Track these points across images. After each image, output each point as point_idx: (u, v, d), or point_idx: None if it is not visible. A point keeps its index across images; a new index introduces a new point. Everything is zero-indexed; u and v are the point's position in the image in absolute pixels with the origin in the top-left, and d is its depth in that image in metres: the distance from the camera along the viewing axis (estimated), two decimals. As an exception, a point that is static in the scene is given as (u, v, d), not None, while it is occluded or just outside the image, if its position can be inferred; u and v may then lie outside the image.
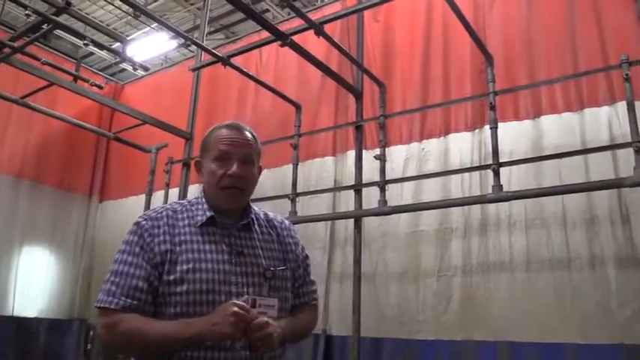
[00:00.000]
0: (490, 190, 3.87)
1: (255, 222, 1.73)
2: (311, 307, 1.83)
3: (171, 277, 1.52)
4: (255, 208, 1.78)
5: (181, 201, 1.75)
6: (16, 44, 4.96)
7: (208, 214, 1.64)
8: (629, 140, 3.39)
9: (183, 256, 1.55)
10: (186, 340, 1.45)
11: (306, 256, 1.85)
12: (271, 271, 1.63)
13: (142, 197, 6.30)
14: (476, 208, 4.43)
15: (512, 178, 4.16)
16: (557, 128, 4.26)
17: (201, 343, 1.46)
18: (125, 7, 9.41)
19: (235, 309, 1.42)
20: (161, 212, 1.65)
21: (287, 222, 1.86)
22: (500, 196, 3.79)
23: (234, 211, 1.69)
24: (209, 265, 1.55)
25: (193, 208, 1.68)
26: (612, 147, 3.80)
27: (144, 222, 1.61)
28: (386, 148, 4.59)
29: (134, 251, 1.56)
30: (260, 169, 1.77)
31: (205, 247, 1.59)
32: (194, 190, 5.72)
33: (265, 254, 1.67)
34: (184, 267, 1.53)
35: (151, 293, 1.52)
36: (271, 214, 1.84)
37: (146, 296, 1.51)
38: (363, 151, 4.97)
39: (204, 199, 1.69)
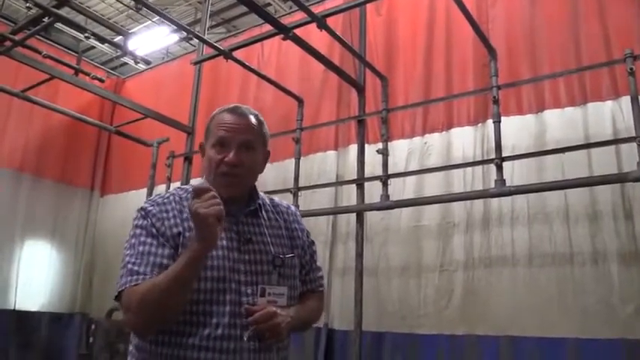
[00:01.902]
0: (493, 185, 3.87)
1: (262, 208, 1.68)
2: (317, 295, 1.79)
3: None
4: (262, 194, 1.73)
5: (185, 186, 1.68)
6: (16, 37, 4.93)
7: None
8: (633, 135, 3.37)
9: None
10: (189, 263, 1.36)
11: (312, 242, 1.80)
12: (280, 259, 1.59)
13: (144, 191, 6.30)
14: (478, 203, 4.42)
15: (515, 173, 4.15)
16: (560, 123, 4.24)
17: (204, 256, 1.39)
18: (126, 1, 9.38)
19: (194, 203, 1.34)
20: (167, 197, 1.60)
21: (293, 207, 1.82)
22: (503, 190, 3.78)
23: (238, 198, 1.63)
24: (219, 252, 1.50)
25: None
26: (615, 142, 3.78)
27: (150, 207, 1.56)
28: (388, 143, 4.58)
29: (151, 232, 1.50)
30: (267, 155, 1.70)
31: None
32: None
33: (273, 241, 1.63)
34: None
35: None
36: (277, 200, 1.79)
37: None
38: (366, 145, 4.95)
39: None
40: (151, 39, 9.22)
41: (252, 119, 1.65)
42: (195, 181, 1.65)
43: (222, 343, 1.44)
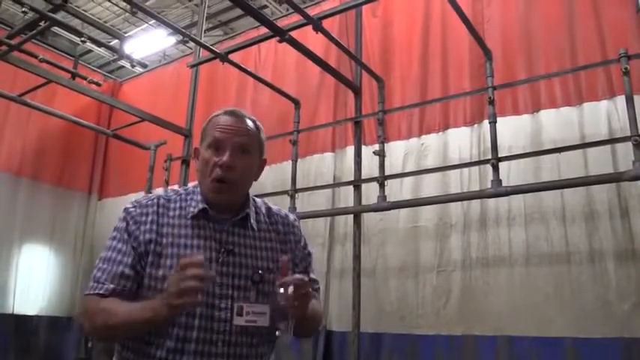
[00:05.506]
0: (489, 185, 3.87)
1: (254, 217, 1.60)
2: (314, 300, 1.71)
3: (154, 272, 1.45)
4: (258, 201, 1.67)
5: (178, 189, 1.65)
6: (13, 42, 4.93)
7: (201, 205, 1.53)
8: (628, 134, 3.38)
9: (168, 250, 1.47)
10: (146, 322, 1.36)
11: (309, 254, 1.71)
12: (259, 275, 1.50)
13: (141, 195, 6.29)
14: (475, 203, 4.43)
15: (512, 173, 4.16)
16: (556, 123, 4.25)
17: (163, 322, 1.37)
18: (123, 4, 9.37)
19: (176, 277, 1.29)
20: (152, 199, 1.57)
21: (292, 217, 1.73)
22: (500, 190, 3.79)
23: (230, 204, 1.57)
24: None
25: (188, 198, 1.58)
26: (611, 141, 3.80)
27: (132, 209, 1.54)
28: (385, 144, 4.58)
29: (123, 238, 1.49)
30: (264, 162, 1.65)
31: (193, 242, 1.49)
32: (193, 187, 5.71)
33: (259, 255, 1.55)
34: (168, 262, 1.45)
35: (137, 281, 1.45)
36: (275, 208, 1.70)
37: (132, 284, 1.44)
38: (362, 146, 4.96)
39: (198, 189, 1.58)
40: (148, 42, 9.19)
41: (250, 123, 1.59)
42: (192, 184, 1.64)
43: (189, 357, 1.40)
